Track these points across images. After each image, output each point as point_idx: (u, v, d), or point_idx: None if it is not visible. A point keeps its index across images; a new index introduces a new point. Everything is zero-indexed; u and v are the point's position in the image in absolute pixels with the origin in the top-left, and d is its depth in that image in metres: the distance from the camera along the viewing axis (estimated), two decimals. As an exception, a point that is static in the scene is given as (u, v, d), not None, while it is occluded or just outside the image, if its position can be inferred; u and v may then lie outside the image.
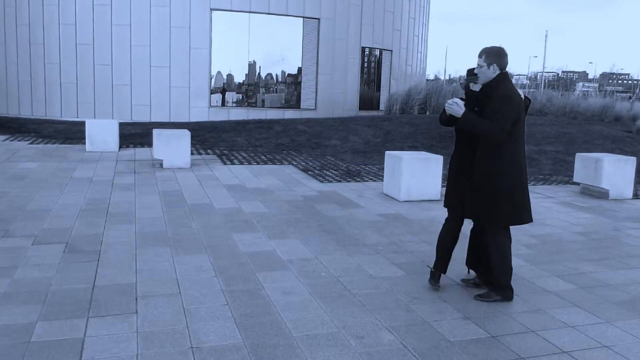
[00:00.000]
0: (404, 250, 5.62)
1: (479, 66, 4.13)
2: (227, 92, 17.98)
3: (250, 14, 17.73)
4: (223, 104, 17.84)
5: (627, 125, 19.40)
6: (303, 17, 18.34)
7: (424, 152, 8.77)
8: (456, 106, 4.15)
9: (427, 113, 19.33)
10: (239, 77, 18.14)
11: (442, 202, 7.89)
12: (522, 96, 4.15)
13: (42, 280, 4.46)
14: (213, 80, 17.75)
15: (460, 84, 4.46)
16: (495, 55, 4.07)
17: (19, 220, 6.19)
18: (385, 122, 15.88)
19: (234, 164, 10.64)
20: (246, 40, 17.94)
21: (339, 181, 9.31)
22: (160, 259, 5.07)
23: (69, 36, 17.03)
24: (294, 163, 10.95)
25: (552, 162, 12.39)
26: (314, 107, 18.93)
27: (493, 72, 4.08)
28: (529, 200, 4.24)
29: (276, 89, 18.60)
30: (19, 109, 17.77)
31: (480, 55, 4.15)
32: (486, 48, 4.14)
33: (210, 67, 17.57)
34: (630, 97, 33.52)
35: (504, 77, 4.10)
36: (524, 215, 4.21)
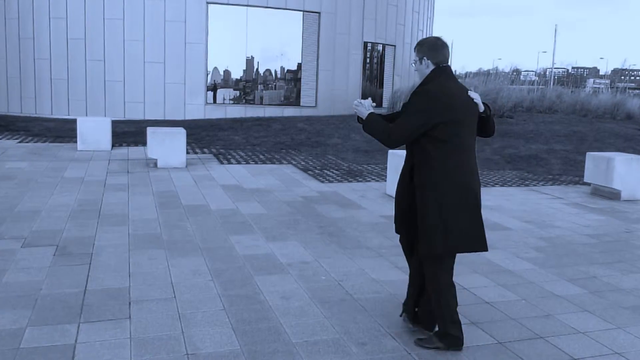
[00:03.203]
0: (408, 253, 5.61)
1: (413, 60, 3.75)
2: (219, 89, 17.96)
3: (248, 7, 17.73)
4: (215, 101, 17.82)
5: (640, 123, 19.41)
6: (303, 10, 18.33)
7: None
8: (361, 107, 3.70)
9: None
10: (237, 73, 18.14)
11: None
12: (478, 100, 3.60)
13: (31, 284, 4.46)
14: (209, 76, 17.76)
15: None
16: (427, 48, 3.65)
17: (8, 222, 6.19)
18: (388, 120, 15.86)
19: (231, 163, 10.64)
20: (244, 35, 17.94)
21: (340, 181, 9.31)
22: (155, 262, 5.07)
23: (59, 30, 17.03)
24: (294, 162, 10.95)
25: (562, 162, 12.39)
26: (314, 105, 18.93)
27: (426, 67, 3.66)
28: (476, 225, 3.55)
29: (275, 85, 18.60)
30: (8, 106, 17.77)
31: (414, 48, 3.77)
32: (420, 40, 3.77)
33: (207, 63, 17.57)
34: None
35: (438, 72, 3.60)
36: (463, 242, 3.52)
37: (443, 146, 3.49)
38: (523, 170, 11.53)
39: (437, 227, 3.48)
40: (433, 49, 3.62)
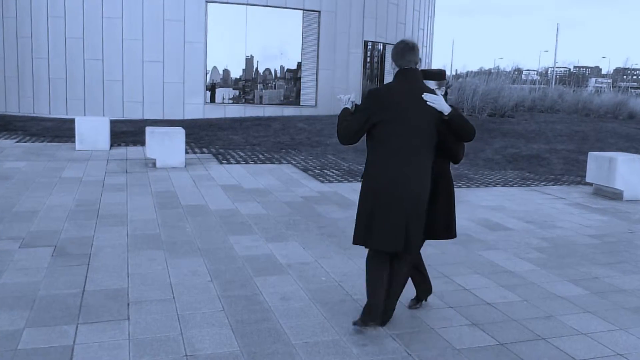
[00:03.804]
0: (409, 253, 5.61)
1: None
2: (219, 88, 17.95)
3: (248, 6, 17.73)
4: (212, 100, 17.79)
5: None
6: (303, 9, 18.33)
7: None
8: (340, 102, 3.96)
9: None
10: (236, 73, 18.14)
11: None
12: (436, 103, 3.61)
13: (29, 285, 4.46)
14: (208, 75, 17.76)
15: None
16: (393, 52, 3.79)
17: (5, 222, 6.19)
18: (388, 119, 15.86)
19: (230, 163, 10.64)
20: (243, 34, 17.94)
21: (340, 181, 9.31)
22: (153, 263, 5.07)
23: (57, 29, 17.03)
24: (293, 162, 10.95)
25: (564, 162, 12.39)
26: (314, 104, 18.92)
27: (394, 69, 3.82)
28: (388, 224, 3.64)
29: (275, 84, 18.59)
30: (6, 106, 17.77)
31: None
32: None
33: (206, 62, 17.57)
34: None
35: (398, 74, 3.74)
36: (368, 237, 3.70)
37: (377, 144, 3.69)
38: (524, 170, 11.53)
39: (356, 216, 3.81)
40: (396, 53, 3.78)
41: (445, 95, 4.05)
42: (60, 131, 13.70)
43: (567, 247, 6.12)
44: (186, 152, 11.51)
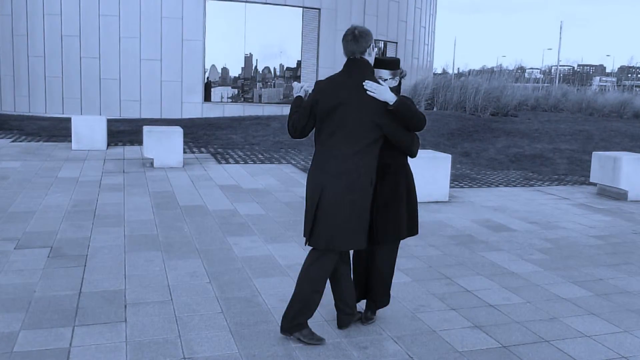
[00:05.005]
0: (410, 255, 5.62)
1: None
2: (218, 87, 17.95)
3: (247, 3, 17.74)
4: (207, 99, 17.78)
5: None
6: (302, 7, 18.34)
7: (431, 150, 8.77)
8: (294, 91, 3.90)
9: (435, 109, 19.34)
10: (235, 71, 18.15)
11: (448, 204, 7.90)
12: (376, 93, 3.47)
13: (25, 286, 4.46)
14: (207, 74, 17.77)
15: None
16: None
17: (1, 223, 6.19)
18: (389, 118, 15.85)
19: (229, 163, 10.64)
20: (242, 32, 17.95)
21: (341, 181, 9.30)
22: (151, 264, 5.07)
23: (54, 27, 17.04)
24: (293, 162, 10.96)
25: (568, 162, 12.40)
26: (314, 103, 18.95)
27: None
28: (313, 219, 3.59)
29: (274, 83, 18.61)
30: (1, 105, 17.79)
31: None
32: None
33: (204, 60, 17.58)
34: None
35: (343, 65, 3.65)
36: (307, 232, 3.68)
37: (316, 137, 3.71)
38: (528, 170, 11.54)
39: None
40: (342, 43, 3.65)
41: (399, 86, 3.85)
42: (57, 130, 13.71)
43: (570, 248, 6.12)
44: (184, 152, 11.52)
